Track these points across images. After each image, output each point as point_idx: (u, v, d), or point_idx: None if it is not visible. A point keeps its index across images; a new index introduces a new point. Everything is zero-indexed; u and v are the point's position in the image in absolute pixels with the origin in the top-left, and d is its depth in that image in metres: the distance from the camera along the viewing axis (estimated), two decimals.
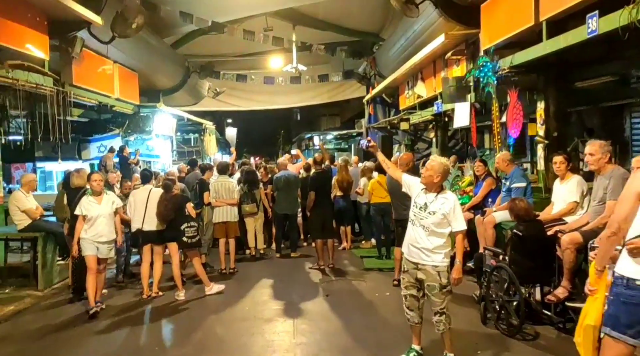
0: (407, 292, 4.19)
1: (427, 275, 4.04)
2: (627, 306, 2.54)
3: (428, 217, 3.99)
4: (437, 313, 4.06)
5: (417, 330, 4.26)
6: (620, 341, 2.58)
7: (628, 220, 2.58)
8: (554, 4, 6.36)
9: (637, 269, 2.54)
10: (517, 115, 7.83)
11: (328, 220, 7.93)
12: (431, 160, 4.13)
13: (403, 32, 11.21)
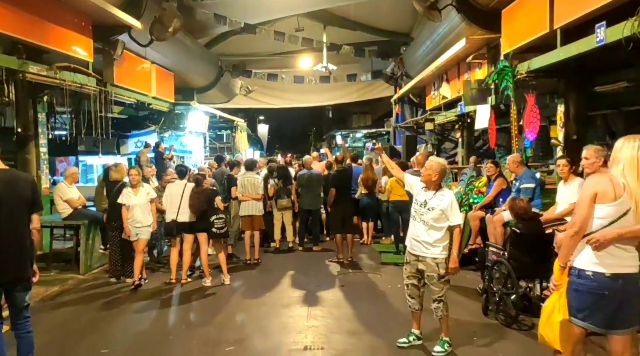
0: (409, 282, 4.65)
1: (427, 266, 4.49)
2: (577, 294, 2.95)
3: (427, 212, 4.44)
4: (435, 301, 4.51)
5: (417, 316, 4.72)
6: (583, 327, 2.99)
7: (587, 220, 2.96)
8: (567, 13, 6.66)
9: (585, 261, 2.94)
10: (534, 119, 8.12)
11: (348, 216, 8.41)
12: (430, 161, 4.58)
13: (428, 35, 11.57)
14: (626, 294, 2.92)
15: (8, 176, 3.74)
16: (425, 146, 15.58)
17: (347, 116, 29.98)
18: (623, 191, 2.89)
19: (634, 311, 2.98)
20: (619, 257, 2.93)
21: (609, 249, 2.92)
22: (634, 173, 2.87)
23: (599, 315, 2.96)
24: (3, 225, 3.58)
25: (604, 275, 2.92)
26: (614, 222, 2.91)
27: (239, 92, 17.71)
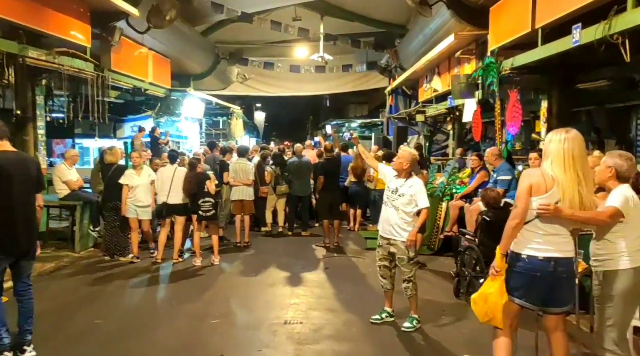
0: (381, 263, 5.05)
1: (398, 249, 4.88)
2: (514, 274, 3.25)
3: (398, 198, 4.83)
4: (405, 281, 4.92)
5: (389, 295, 5.13)
6: (519, 304, 3.30)
7: (526, 211, 3.21)
8: (547, 13, 6.99)
9: (521, 245, 3.22)
10: (517, 114, 8.47)
11: (335, 203, 8.81)
12: (402, 150, 4.98)
13: (421, 29, 11.89)
14: (558, 276, 3.18)
15: (18, 157, 4.17)
16: (417, 137, 15.95)
17: (344, 106, 30.27)
18: (553, 183, 3.14)
19: (566, 292, 3.27)
20: (552, 242, 3.18)
21: (543, 235, 3.19)
22: (561, 166, 3.11)
23: (532, 294, 3.24)
24: (15, 202, 4.00)
25: (537, 258, 3.18)
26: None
27: (235, 80, 18.01)
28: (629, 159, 3.48)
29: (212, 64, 15.45)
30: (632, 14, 5.28)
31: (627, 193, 3.37)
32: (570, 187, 3.11)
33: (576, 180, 3.11)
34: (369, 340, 4.70)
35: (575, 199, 3.12)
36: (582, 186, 3.13)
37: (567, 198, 3.12)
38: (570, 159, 3.11)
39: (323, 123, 28.67)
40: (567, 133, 3.19)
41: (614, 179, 3.49)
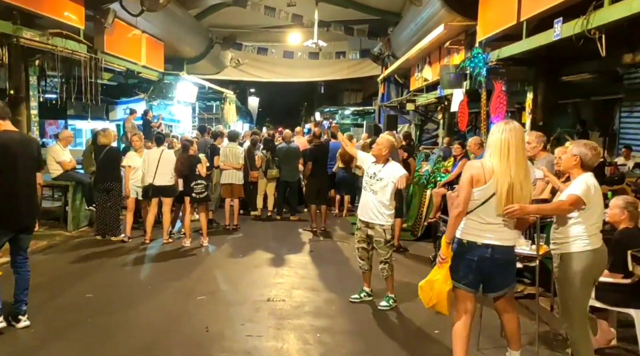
0: (359, 245, 5.33)
1: (375, 232, 5.15)
2: (455, 259, 3.41)
3: (376, 183, 5.08)
4: (382, 262, 5.19)
5: (367, 276, 5.41)
6: (460, 288, 3.42)
7: (467, 201, 3.35)
8: (531, 6, 7.22)
9: (463, 232, 3.39)
10: (501, 104, 8.73)
11: (322, 189, 9.05)
12: (381, 137, 5.24)
13: (413, 18, 12.08)
14: (495, 262, 3.36)
15: (21, 137, 4.47)
16: (409, 126, 16.19)
17: (338, 93, 30.41)
18: (492, 175, 3.27)
19: (503, 278, 3.46)
20: (492, 231, 3.34)
21: (483, 223, 3.33)
22: (497, 156, 3.25)
23: (471, 278, 3.40)
24: (20, 179, 4.26)
25: (476, 244, 3.35)
26: (484, 203, 3.31)
27: (229, 64, 18.13)
28: (593, 149, 3.65)
29: (205, 48, 15.58)
30: (608, 10, 5.51)
31: (589, 181, 3.55)
32: (506, 177, 3.24)
33: (512, 170, 3.24)
34: (347, 317, 4.98)
35: (510, 188, 3.24)
36: (517, 176, 3.25)
37: (503, 187, 3.25)
38: (506, 150, 3.23)
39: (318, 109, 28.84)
40: (506, 125, 3.33)
41: (578, 167, 3.64)
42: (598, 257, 3.59)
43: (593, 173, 3.69)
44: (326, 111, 24.51)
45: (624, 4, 5.25)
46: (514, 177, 3.26)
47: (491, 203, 3.32)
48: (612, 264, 3.95)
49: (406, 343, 4.43)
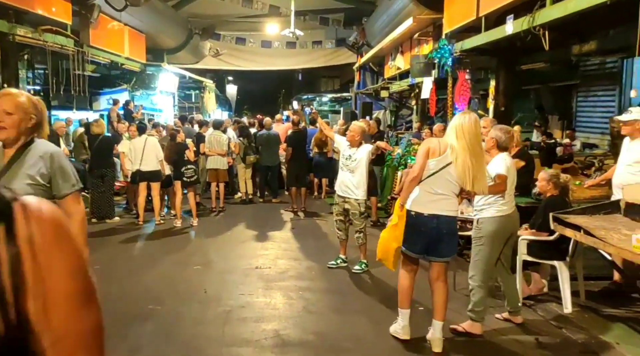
0: (337, 218, 6.23)
1: (351, 205, 6.04)
2: (410, 229, 4.01)
3: (352, 163, 5.97)
4: (357, 232, 6.10)
5: (343, 244, 6.32)
6: (408, 253, 4.02)
7: (422, 169, 3.98)
8: (488, 4, 8.12)
9: (412, 203, 3.98)
10: (465, 92, 9.68)
11: (302, 172, 9.93)
12: (353, 124, 6.14)
13: (385, 9, 12.94)
14: (440, 231, 3.90)
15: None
16: (384, 112, 17.11)
17: (315, 80, 31.17)
18: (446, 148, 3.88)
19: (446, 245, 3.99)
20: (438, 202, 3.89)
21: (432, 194, 3.88)
22: (454, 136, 3.96)
23: (418, 245, 3.96)
24: None
25: (423, 214, 3.89)
26: (436, 173, 3.89)
27: (207, 54, 18.78)
28: (507, 132, 4.49)
29: (185, 38, 16.24)
30: (550, 9, 6.43)
31: (506, 160, 4.35)
32: (462, 153, 3.84)
33: (467, 149, 3.84)
34: (325, 279, 5.88)
35: (467, 163, 3.83)
36: (471, 154, 3.84)
37: (460, 161, 3.85)
38: (461, 132, 3.90)
39: (296, 96, 29.55)
40: (465, 115, 4.11)
41: (495, 148, 4.43)
42: (508, 221, 4.35)
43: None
44: (304, 98, 25.28)
45: (561, 4, 6.16)
46: (468, 154, 3.84)
47: (442, 175, 3.90)
48: (540, 225, 4.91)
49: (376, 298, 5.32)
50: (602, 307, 4.85)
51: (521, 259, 4.99)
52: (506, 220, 4.36)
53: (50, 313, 0.78)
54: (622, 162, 5.09)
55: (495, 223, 4.31)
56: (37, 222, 0.80)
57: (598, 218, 4.45)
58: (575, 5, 5.82)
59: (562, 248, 4.83)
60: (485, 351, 4.08)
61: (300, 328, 4.48)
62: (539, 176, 5.17)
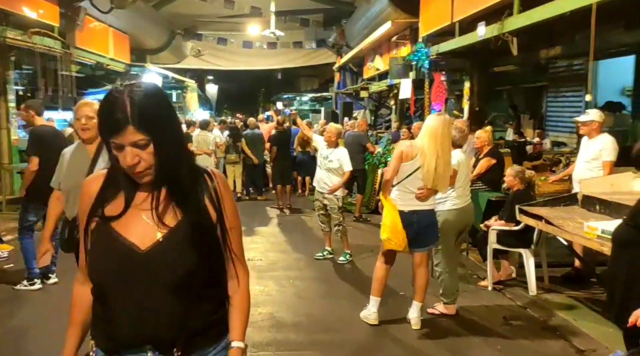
0: (318, 212, 6.73)
1: (330, 201, 6.53)
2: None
3: (328, 163, 6.45)
4: (336, 225, 6.59)
5: (328, 236, 6.80)
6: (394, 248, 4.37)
7: (395, 171, 4.41)
8: (462, 10, 8.69)
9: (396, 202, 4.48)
10: (441, 93, 10.26)
11: (286, 170, 10.40)
12: (330, 126, 6.67)
13: (364, 12, 13.48)
14: (420, 224, 4.33)
15: (52, 130, 5.64)
16: (364, 112, 17.64)
17: (295, 79, 31.54)
18: (418, 152, 4.25)
19: (428, 236, 4.44)
20: (415, 199, 4.30)
21: (409, 193, 4.30)
22: (425, 139, 4.37)
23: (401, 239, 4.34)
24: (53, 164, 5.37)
25: (404, 212, 4.29)
26: (411, 174, 4.28)
27: (189, 54, 19.08)
28: (461, 131, 4.96)
29: (167, 39, 16.54)
30: (517, 18, 7.01)
31: (458, 156, 4.82)
32: (429, 156, 4.22)
33: (437, 152, 4.22)
34: (313, 269, 6.37)
35: (432, 165, 4.21)
36: (440, 157, 4.23)
37: (427, 164, 4.22)
38: (434, 134, 4.31)
39: (275, 96, 29.93)
40: (439, 116, 4.59)
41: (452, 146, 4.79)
42: (461, 214, 4.85)
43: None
44: (284, 98, 25.70)
45: (527, 14, 6.74)
46: (440, 157, 4.23)
47: (416, 175, 4.28)
48: (508, 216, 5.46)
49: (359, 285, 5.78)
50: (563, 290, 5.44)
51: (491, 248, 5.53)
52: (460, 212, 4.86)
53: (228, 213, 1.63)
54: (581, 159, 5.69)
55: (449, 216, 4.81)
56: (219, 178, 1.67)
57: (558, 209, 5.01)
58: (540, 14, 6.41)
59: (528, 237, 5.39)
60: (458, 328, 4.60)
61: (293, 311, 4.96)
62: (507, 172, 5.75)
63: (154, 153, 1.48)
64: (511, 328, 4.60)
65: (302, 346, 4.26)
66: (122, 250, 1.52)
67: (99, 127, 1.53)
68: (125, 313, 1.52)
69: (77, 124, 3.46)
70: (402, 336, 4.41)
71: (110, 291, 1.54)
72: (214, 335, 1.65)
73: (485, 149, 6.69)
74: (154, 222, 1.53)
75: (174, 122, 1.57)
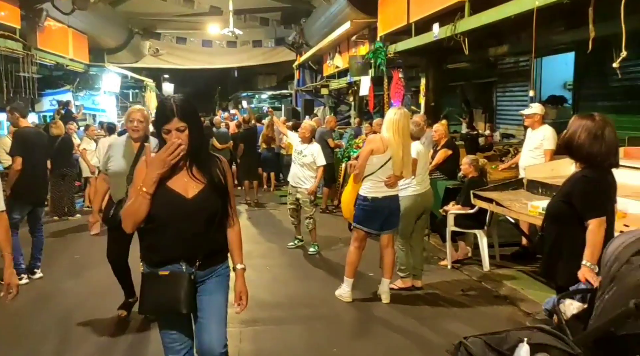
0: (290, 207, 7.23)
1: (302, 195, 7.02)
2: (360, 210, 5.08)
3: (302, 158, 6.96)
4: (307, 218, 7.08)
5: (298, 227, 7.31)
6: (358, 229, 5.03)
7: (364, 166, 4.97)
8: (417, 12, 9.34)
9: (365, 190, 5.01)
10: (399, 89, 10.93)
11: (253, 166, 10.86)
12: (304, 123, 7.15)
13: (323, 12, 14.05)
14: (389, 209, 4.96)
15: (36, 131, 6.06)
16: (324, 109, 18.22)
17: (252, 76, 31.76)
18: (387, 146, 4.81)
19: (394, 218, 5.04)
20: (385, 186, 4.92)
21: (380, 182, 4.86)
22: (390, 132, 4.95)
23: (376, 223, 4.96)
24: (36, 164, 5.77)
25: (377, 198, 4.89)
26: (382, 167, 4.83)
27: (147, 53, 19.18)
28: (417, 125, 5.59)
29: (126, 38, 16.66)
30: (468, 20, 7.68)
31: (417, 147, 5.43)
32: (396, 148, 4.80)
33: (400, 143, 4.81)
34: (286, 257, 6.91)
35: (399, 155, 4.81)
36: (403, 148, 4.84)
37: (395, 155, 4.81)
38: (395, 126, 4.88)
39: (233, 94, 30.11)
40: (398, 110, 5.14)
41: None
42: (421, 199, 5.47)
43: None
44: (243, 96, 25.99)
45: (476, 17, 7.41)
46: (404, 148, 4.90)
47: (387, 166, 4.88)
48: (464, 201, 6.12)
49: (330, 270, 6.33)
50: (512, 265, 6.16)
51: (450, 230, 6.19)
52: (419, 197, 5.49)
53: (229, 184, 2.64)
54: (525, 149, 6.43)
55: (411, 200, 5.42)
56: (224, 162, 2.67)
57: (507, 193, 5.71)
58: (488, 17, 7.09)
59: (481, 219, 6.07)
60: (423, 301, 5.22)
61: (273, 293, 5.48)
62: (463, 161, 6.43)
63: (188, 136, 2.43)
64: (468, 298, 5.25)
65: (286, 320, 4.79)
66: (175, 197, 2.49)
67: (156, 119, 2.49)
68: (172, 239, 2.50)
69: (129, 126, 4.37)
70: (374, 310, 5.00)
71: (164, 225, 2.49)
72: (220, 257, 2.70)
73: (442, 141, 7.36)
74: (193, 182, 2.53)
75: (199, 119, 2.60)
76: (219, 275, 2.67)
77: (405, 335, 4.45)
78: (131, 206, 2.46)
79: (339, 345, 4.26)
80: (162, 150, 2.41)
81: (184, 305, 2.49)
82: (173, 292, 2.48)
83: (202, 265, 2.55)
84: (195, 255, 2.52)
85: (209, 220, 2.52)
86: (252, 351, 4.17)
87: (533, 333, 2.30)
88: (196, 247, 2.51)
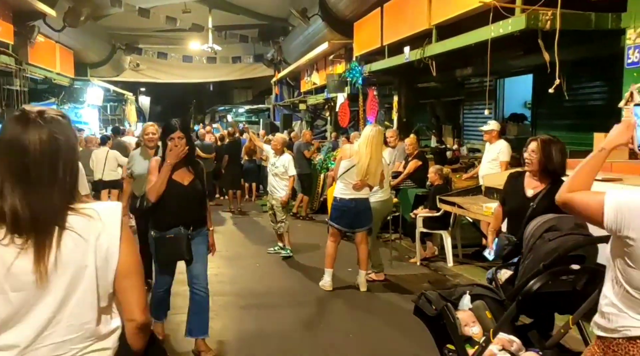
0: (269, 212, 8.03)
1: (276, 201, 7.80)
2: (333, 209, 6.07)
3: (276, 168, 7.78)
4: (279, 222, 7.84)
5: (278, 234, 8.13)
6: (334, 226, 5.95)
7: (337, 169, 6.02)
8: (390, 36, 10.32)
9: (337, 192, 5.96)
10: (373, 106, 11.93)
11: (236, 177, 11.67)
12: (276, 136, 8.10)
13: (301, 31, 15.00)
14: (357, 209, 5.79)
15: None
16: (301, 123, 19.16)
17: (228, 90, 32.53)
18: (353, 154, 5.74)
19: (364, 218, 5.86)
20: (353, 189, 5.76)
21: (348, 184, 5.76)
22: (363, 144, 5.81)
23: (343, 220, 5.85)
24: None
25: (345, 199, 5.76)
26: (347, 171, 5.73)
27: (128, 67, 19.87)
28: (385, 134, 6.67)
29: (109, 53, 17.35)
30: (435, 45, 8.69)
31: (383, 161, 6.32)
32: (363, 157, 5.64)
33: (370, 154, 5.64)
34: (272, 257, 7.72)
35: (365, 163, 5.62)
36: (373, 158, 5.65)
37: (361, 162, 5.63)
38: (370, 140, 5.75)
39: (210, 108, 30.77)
40: (374, 127, 6.11)
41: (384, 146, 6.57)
42: (384, 204, 6.46)
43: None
44: (220, 109, 26.75)
45: (443, 43, 8.43)
46: (372, 159, 5.78)
47: (352, 171, 5.73)
48: (431, 205, 7.07)
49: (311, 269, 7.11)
50: (473, 262, 7.10)
51: (419, 231, 7.12)
52: (384, 203, 6.47)
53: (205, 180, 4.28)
54: (484, 160, 7.43)
55: (378, 205, 6.32)
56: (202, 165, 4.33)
57: (468, 198, 6.68)
58: (452, 44, 8.11)
59: (446, 222, 7.02)
60: (395, 290, 6.13)
61: (264, 285, 6.33)
62: (429, 170, 7.40)
63: (185, 143, 3.90)
64: (433, 287, 6.16)
65: (277, 305, 5.64)
66: (177, 184, 3.93)
67: (164, 132, 4.02)
68: (175, 211, 3.94)
69: (146, 137, 5.62)
70: (353, 297, 5.88)
71: (169, 201, 3.92)
72: (203, 223, 4.20)
73: (414, 153, 8.33)
74: (187, 174, 4.01)
75: (190, 132, 4.10)
76: (203, 235, 4.17)
77: (379, 315, 5.34)
78: (156, 183, 3.88)
79: (325, 322, 5.13)
80: (175, 149, 3.84)
81: (187, 254, 3.97)
82: (178, 247, 3.93)
83: (194, 229, 4.01)
84: (190, 222, 3.99)
85: (198, 199, 4.07)
86: (255, 329, 4.97)
87: (474, 287, 3.23)
88: (190, 217, 4.00)
